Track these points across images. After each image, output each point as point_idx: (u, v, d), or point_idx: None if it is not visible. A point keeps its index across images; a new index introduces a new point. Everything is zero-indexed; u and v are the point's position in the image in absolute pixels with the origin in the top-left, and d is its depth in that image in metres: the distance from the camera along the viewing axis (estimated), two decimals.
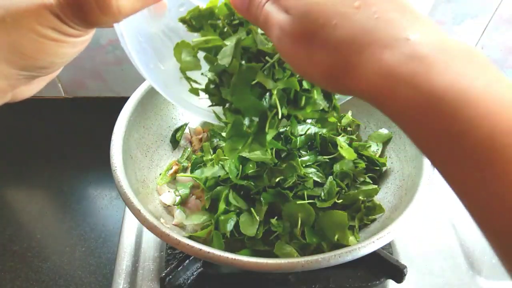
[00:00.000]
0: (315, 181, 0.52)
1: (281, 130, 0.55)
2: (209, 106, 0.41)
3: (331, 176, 0.52)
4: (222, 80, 0.37)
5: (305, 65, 0.27)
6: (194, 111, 0.43)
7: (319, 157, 0.54)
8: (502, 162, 0.19)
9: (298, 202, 0.48)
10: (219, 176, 0.52)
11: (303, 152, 0.55)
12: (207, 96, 0.40)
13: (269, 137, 0.39)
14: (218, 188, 0.51)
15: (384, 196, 0.54)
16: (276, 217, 0.49)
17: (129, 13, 0.26)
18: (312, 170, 0.52)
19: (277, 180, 0.50)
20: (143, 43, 0.35)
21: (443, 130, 0.21)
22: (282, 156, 0.53)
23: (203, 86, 0.40)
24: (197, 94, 0.40)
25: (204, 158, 0.58)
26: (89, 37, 0.28)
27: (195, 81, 0.39)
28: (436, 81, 0.21)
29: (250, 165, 0.50)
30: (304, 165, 0.52)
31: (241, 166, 0.51)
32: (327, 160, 0.54)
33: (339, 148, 0.53)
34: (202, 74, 0.39)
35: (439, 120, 0.21)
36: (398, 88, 0.22)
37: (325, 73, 0.26)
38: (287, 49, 0.27)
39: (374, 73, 0.23)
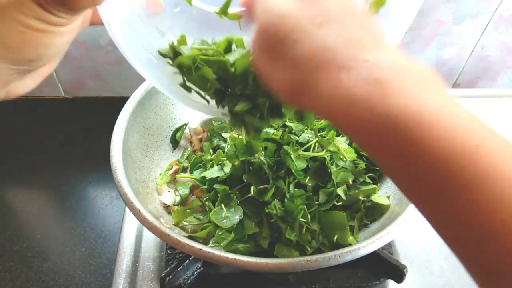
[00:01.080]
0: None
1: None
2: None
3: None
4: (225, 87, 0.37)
5: (268, 77, 0.27)
6: (189, 104, 0.42)
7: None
8: (458, 185, 0.20)
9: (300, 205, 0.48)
10: (218, 177, 0.52)
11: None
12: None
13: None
14: (218, 190, 0.51)
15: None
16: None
17: None
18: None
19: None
20: (136, 38, 0.34)
21: (399, 153, 0.21)
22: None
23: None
24: (189, 91, 0.39)
25: (203, 158, 0.58)
26: (75, 26, 0.27)
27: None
28: (391, 103, 0.21)
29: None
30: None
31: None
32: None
33: (330, 167, 0.52)
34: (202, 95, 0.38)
35: (395, 142, 0.21)
36: (354, 110, 0.22)
37: (285, 89, 0.26)
38: (255, 58, 0.28)
39: (331, 93, 0.23)
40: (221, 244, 0.47)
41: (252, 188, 0.49)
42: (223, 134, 0.61)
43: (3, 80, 0.26)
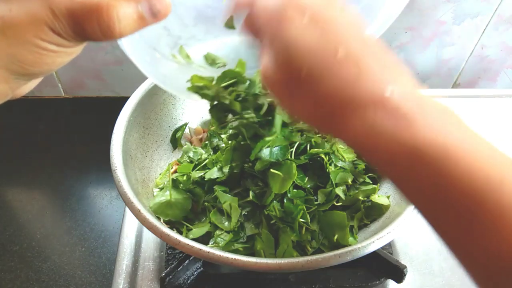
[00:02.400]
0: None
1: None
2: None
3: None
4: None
5: (290, 109, 0.27)
6: (185, 94, 0.42)
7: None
8: (485, 217, 0.21)
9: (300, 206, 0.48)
10: (217, 178, 0.52)
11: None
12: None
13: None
14: (218, 192, 0.51)
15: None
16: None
17: (129, 34, 0.27)
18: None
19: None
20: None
21: (426, 184, 0.22)
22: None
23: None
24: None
25: (203, 156, 0.58)
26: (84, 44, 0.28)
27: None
28: (418, 137, 0.22)
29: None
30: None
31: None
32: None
33: (328, 167, 0.52)
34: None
35: (422, 174, 0.22)
36: (382, 143, 0.23)
37: (309, 119, 0.27)
38: (274, 91, 0.27)
39: (358, 126, 0.24)
40: (220, 244, 0.47)
41: (251, 193, 0.49)
42: (223, 135, 0.61)
43: (12, 87, 0.27)
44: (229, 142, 0.53)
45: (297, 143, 0.52)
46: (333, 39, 0.24)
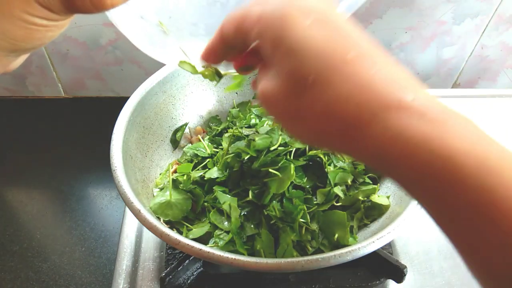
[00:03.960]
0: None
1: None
2: None
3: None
4: None
5: (294, 127, 0.24)
6: (174, 64, 0.38)
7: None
8: None
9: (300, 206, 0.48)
10: (217, 178, 0.52)
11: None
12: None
13: None
14: (217, 193, 0.51)
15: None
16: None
17: (121, 3, 0.26)
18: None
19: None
20: None
21: (465, 200, 0.19)
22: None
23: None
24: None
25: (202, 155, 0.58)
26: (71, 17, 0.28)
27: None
28: (454, 146, 0.19)
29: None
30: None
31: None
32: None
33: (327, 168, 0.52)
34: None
35: (461, 188, 0.19)
36: (409, 152, 0.20)
37: (318, 137, 0.24)
38: (273, 108, 0.25)
39: (379, 135, 0.21)
40: (219, 244, 0.47)
41: (250, 192, 0.49)
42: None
43: (4, 64, 0.27)
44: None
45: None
46: (342, 40, 0.22)
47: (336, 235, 0.47)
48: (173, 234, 0.41)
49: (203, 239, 0.49)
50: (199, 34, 0.36)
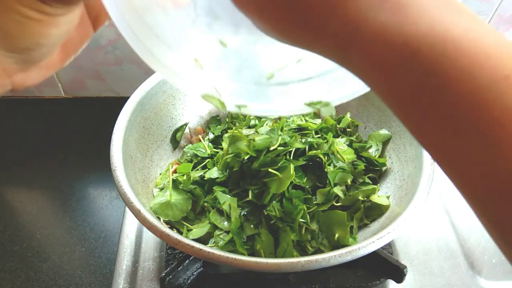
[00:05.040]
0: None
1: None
2: None
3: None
4: None
5: (263, 24, 0.23)
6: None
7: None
8: (484, 121, 0.17)
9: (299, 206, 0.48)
10: (217, 178, 0.52)
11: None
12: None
13: None
14: (217, 193, 0.51)
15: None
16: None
17: None
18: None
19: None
20: None
21: (418, 86, 0.19)
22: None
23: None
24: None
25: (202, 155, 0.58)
26: (74, 17, 0.27)
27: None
28: (410, 30, 0.18)
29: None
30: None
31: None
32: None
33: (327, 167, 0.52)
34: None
35: (413, 74, 0.18)
36: (368, 43, 0.19)
37: (283, 30, 0.22)
38: (243, 5, 0.23)
39: (339, 31, 0.20)
40: (219, 244, 0.47)
41: (250, 192, 0.49)
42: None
43: (5, 69, 0.26)
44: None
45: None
46: None
47: (336, 235, 0.47)
48: (173, 234, 0.41)
49: (203, 239, 0.49)
50: (241, 81, 0.35)
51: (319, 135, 0.57)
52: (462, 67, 0.18)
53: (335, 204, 0.51)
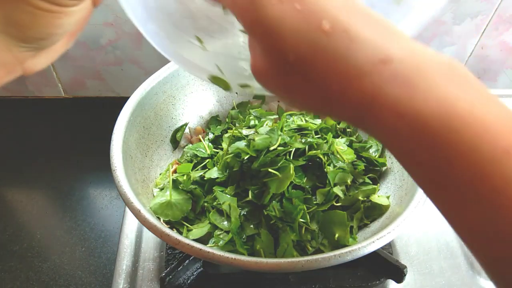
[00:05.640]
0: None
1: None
2: None
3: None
4: None
5: (287, 98, 0.26)
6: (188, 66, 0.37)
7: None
8: (487, 190, 0.19)
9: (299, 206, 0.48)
10: (217, 178, 0.52)
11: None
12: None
13: None
14: (217, 193, 0.51)
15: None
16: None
17: None
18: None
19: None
20: None
21: (430, 159, 0.21)
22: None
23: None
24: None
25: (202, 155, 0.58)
26: (85, 7, 0.27)
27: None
28: (420, 106, 0.20)
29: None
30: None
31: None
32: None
33: (326, 167, 0.52)
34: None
35: (423, 144, 0.21)
36: (382, 115, 0.21)
37: (309, 105, 0.25)
38: (265, 83, 0.26)
39: (357, 102, 0.22)
40: (219, 244, 0.47)
41: (250, 192, 0.49)
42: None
43: (17, 56, 0.26)
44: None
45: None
46: (314, 12, 0.22)
47: (336, 235, 0.47)
48: (173, 234, 0.41)
49: (203, 239, 0.49)
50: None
51: (319, 135, 0.57)
52: (466, 140, 0.20)
53: (335, 204, 0.51)
